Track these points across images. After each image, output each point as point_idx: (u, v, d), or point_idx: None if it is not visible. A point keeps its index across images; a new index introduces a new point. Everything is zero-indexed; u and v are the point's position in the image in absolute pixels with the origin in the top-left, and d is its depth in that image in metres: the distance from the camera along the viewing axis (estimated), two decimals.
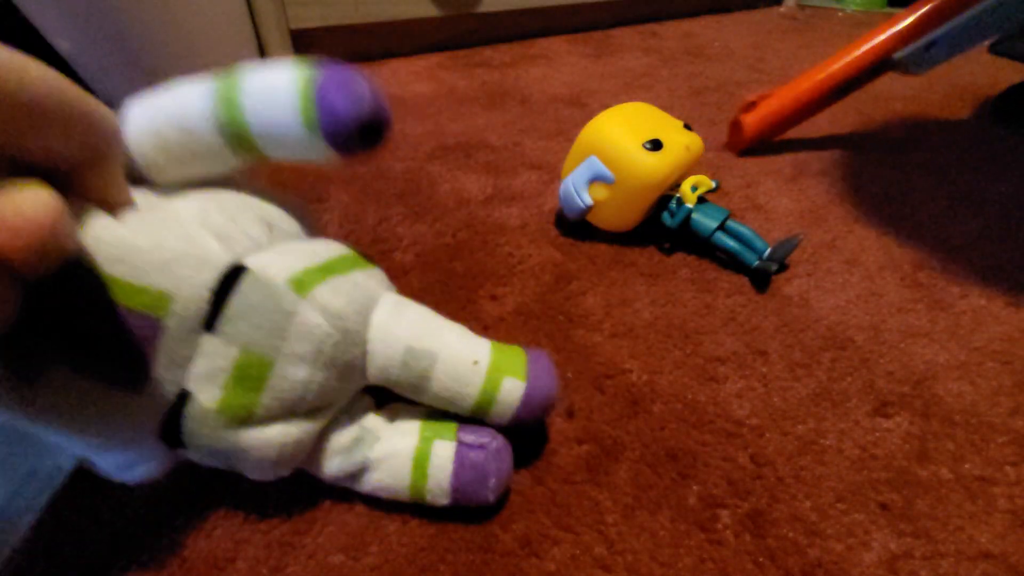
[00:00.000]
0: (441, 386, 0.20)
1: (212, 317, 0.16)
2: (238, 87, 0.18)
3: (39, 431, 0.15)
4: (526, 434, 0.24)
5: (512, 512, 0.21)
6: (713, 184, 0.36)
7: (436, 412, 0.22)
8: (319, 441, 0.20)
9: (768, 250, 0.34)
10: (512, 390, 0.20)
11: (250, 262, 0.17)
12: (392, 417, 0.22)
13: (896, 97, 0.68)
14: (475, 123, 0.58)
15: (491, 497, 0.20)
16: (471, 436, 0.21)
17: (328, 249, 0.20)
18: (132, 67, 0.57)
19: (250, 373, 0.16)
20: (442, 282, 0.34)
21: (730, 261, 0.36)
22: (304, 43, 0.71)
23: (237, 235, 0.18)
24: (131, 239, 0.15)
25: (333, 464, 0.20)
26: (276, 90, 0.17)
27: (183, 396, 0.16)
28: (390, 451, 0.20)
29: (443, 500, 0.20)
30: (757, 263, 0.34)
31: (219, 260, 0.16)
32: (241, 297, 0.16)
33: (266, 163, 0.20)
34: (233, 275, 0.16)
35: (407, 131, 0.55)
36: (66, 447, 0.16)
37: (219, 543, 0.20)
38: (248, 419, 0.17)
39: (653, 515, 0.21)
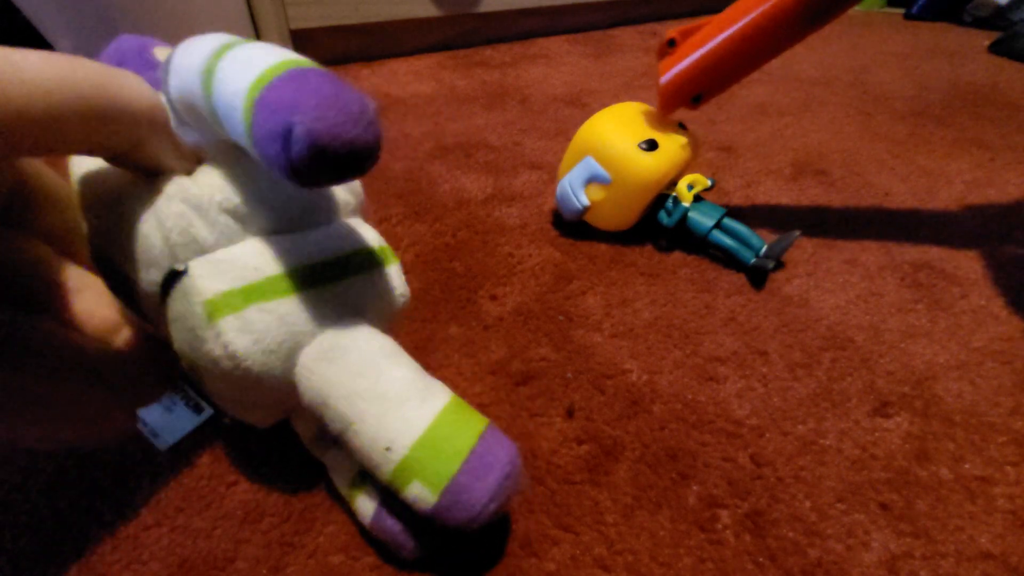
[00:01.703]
0: (353, 452, 0.17)
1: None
2: (213, 77, 0.14)
3: None
4: (522, 436, 0.24)
5: (512, 512, 0.21)
6: (709, 182, 0.36)
7: None
8: (292, 419, 0.20)
9: (765, 247, 0.34)
10: (418, 500, 0.16)
11: (191, 268, 0.16)
12: None
13: (896, 96, 0.68)
14: (475, 123, 0.58)
15: (408, 559, 0.19)
16: (395, 501, 0.18)
17: (290, 255, 0.17)
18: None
19: (189, 364, 0.17)
20: (442, 282, 0.34)
21: (727, 259, 0.36)
22: (304, 43, 0.71)
23: (187, 236, 0.16)
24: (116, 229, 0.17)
25: (306, 446, 0.21)
26: (232, 105, 0.14)
27: None
28: (335, 465, 0.20)
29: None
30: (754, 260, 0.34)
31: (162, 262, 0.16)
32: (172, 303, 0.16)
33: None
34: (174, 277, 0.16)
35: (407, 131, 0.55)
36: None
37: (219, 543, 0.20)
38: (205, 392, 0.18)
39: (653, 515, 0.21)
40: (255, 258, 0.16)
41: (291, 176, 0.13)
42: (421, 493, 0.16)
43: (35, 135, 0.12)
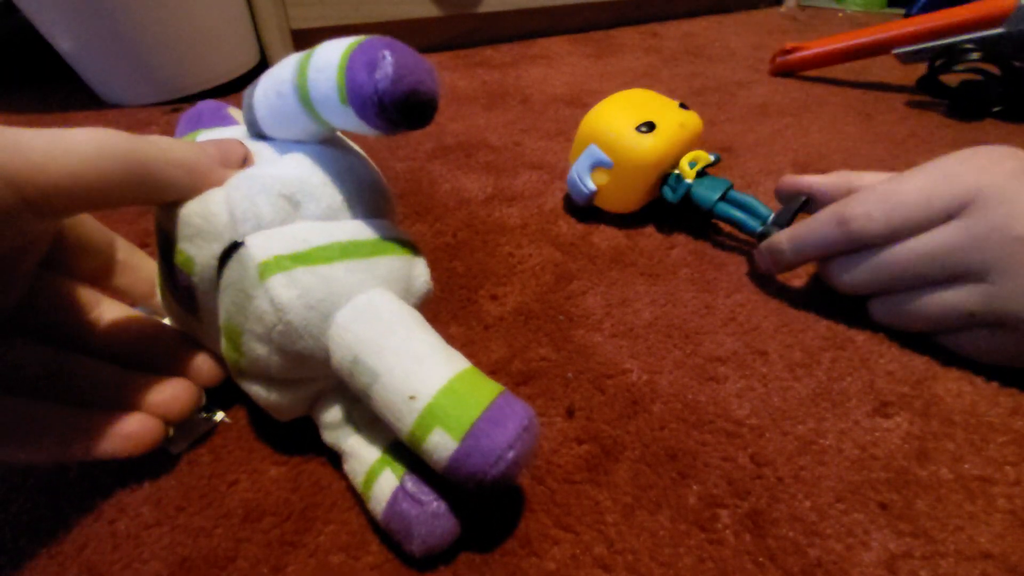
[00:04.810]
0: (378, 409, 0.18)
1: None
2: (312, 54, 0.19)
3: None
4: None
5: (512, 512, 0.21)
6: (712, 158, 0.37)
7: None
8: (314, 409, 0.22)
9: (772, 215, 0.34)
10: (439, 447, 0.17)
11: (248, 240, 0.18)
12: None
13: (896, 96, 0.68)
14: (475, 123, 0.58)
15: (415, 552, 0.18)
16: (413, 486, 0.19)
17: (332, 234, 0.19)
18: (132, 67, 0.57)
19: (232, 337, 0.19)
20: (442, 282, 0.34)
21: (735, 230, 0.36)
22: (305, 43, 0.71)
23: (250, 212, 0.19)
24: (182, 212, 0.19)
25: (324, 435, 0.22)
26: (328, 61, 0.18)
27: None
28: (356, 451, 0.20)
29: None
30: (761, 228, 0.34)
31: (225, 235, 0.19)
32: (228, 271, 0.19)
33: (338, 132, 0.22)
34: (234, 248, 0.19)
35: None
36: None
37: (220, 542, 0.20)
38: (237, 372, 0.20)
39: (653, 515, 0.21)
40: (304, 233, 0.19)
41: (373, 103, 0.17)
42: (442, 440, 0.17)
43: (86, 197, 0.15)
